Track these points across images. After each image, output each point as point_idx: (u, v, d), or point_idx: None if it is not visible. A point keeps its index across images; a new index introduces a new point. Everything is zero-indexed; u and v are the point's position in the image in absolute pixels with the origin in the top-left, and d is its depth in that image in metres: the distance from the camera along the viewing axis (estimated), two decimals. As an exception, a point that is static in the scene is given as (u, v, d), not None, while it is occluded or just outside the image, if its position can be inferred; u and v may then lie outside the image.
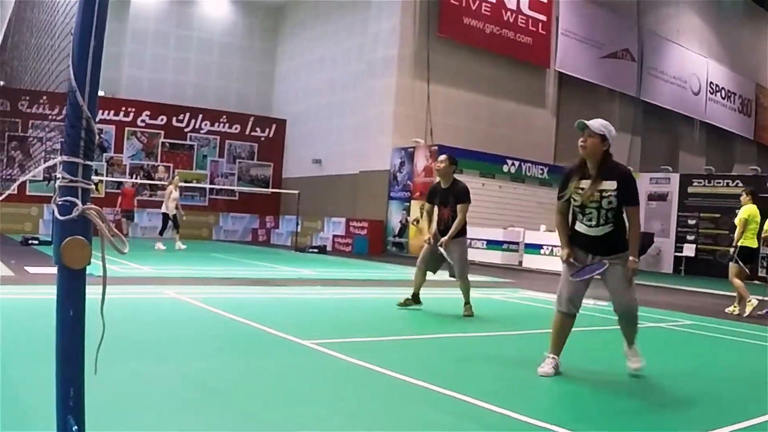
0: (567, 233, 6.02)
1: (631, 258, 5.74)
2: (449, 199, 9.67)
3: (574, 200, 5.85)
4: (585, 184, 5.78)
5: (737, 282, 12.21)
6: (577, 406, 5.18)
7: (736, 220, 12.42)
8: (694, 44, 39.82)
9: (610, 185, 5.68)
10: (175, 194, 21.18)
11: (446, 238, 9.55)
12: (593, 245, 5.85)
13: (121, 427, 3.92)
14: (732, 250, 12.40)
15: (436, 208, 9.99)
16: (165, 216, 21.35)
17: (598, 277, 5.79)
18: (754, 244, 12.25)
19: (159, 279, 12.30)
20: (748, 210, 12.24)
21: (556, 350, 5.99)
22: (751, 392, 5.81)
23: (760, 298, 12.22)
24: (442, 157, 9.94)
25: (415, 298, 10.17)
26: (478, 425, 4.46)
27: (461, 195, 9.64)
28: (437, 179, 10.09)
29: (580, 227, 5.89)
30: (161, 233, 21.75)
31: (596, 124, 5.75)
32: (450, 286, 10.35)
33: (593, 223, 5.78)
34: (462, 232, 9.69)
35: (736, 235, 12.31)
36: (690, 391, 5.75)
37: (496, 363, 6.73)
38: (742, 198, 12.59)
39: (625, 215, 5.81)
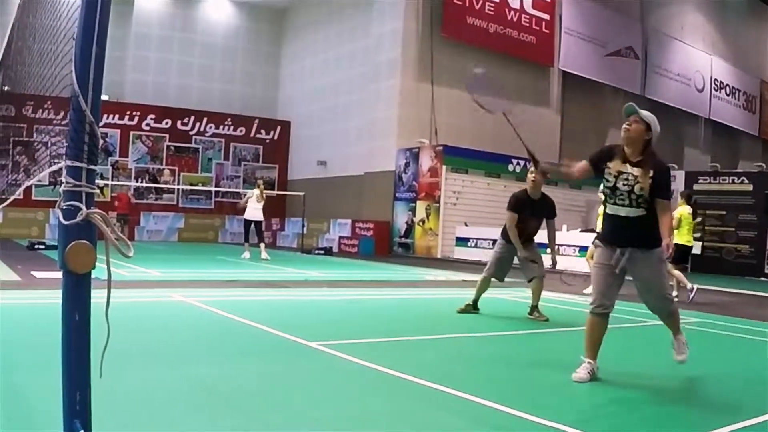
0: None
1: (666, 241, 5.56)
2: (543, 211, 9.57)
3: (606, 181, 5.76)
4: (615, 164, 5.72)
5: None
6: (584, 406, 5.16)
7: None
8: (698, 41, 39.75)
9: (643, 174, 5.59)
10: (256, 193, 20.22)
11: (554, 253, 9.60)
12: (623, 228, 5.70)
13: (127, 431, 3.92)
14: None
15: None
16: (254, 223, 20.28)
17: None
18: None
19: (165, 282, 12.30)
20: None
21: (588, 353, 5.85)
22: (756, 390, 5.80)
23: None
24: (534, 169, 9.47)
25: (475, 305, 9.99)
26: (489, 427, 4.45)
27: (553, 209, 9.68)
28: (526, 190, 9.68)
29: (610, 209, 5.78)
30: (262, 240, 20.64)
31: (645, 113, 5.72)
32: (458, 287, 10.31)
33: (625, 203, 5.66)
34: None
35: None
36: (695, 390, 5.75)
37: (505, 363, 6.72)
38: (599, 195, 13.96)
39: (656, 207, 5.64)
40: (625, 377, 6.02)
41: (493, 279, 9.98)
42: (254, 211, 20.15)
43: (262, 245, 20.46)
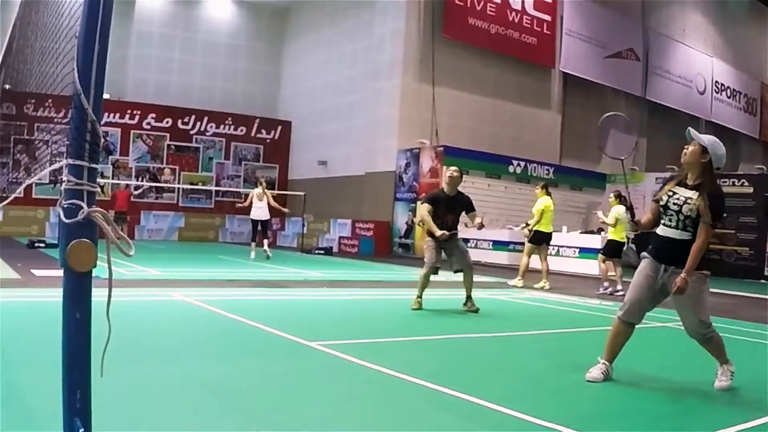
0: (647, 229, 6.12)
1: (683, 275, 5.54)
2: (456, 207, 10.30)
3: (661, 199, 5.84)
4: (676, 188, 5.81)
5: (526, 260, 15.52)
6: (584, 407, 5.17)
7: (535, 210, 15.40)
8: (700, 43, 39.72)
9: (697, 196, 5.65)
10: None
11: (480, 221, 10.28)
12: (668, 249, 5.74)
13: (127, 429, 3.92)
14: (528, 233, 15.56)
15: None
16: (260, 222, 20.33)
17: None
18: (549, 229, 15.42)
19: (166, 281, 12.31)
20: (544, 201, 15.32)
21: (608, 356, 5.93)
22: (756, 392, 5.80)
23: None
24: (455, 168, 10.49)
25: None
26: (487, 427, 4.45)
27: (471, 204, 10.44)
28: (443, 187, 10.62)
29: (660, 230, 5.84)
30: (267, 238, 20.76)
31: (704, 136, 5.85)
32: (455, 287, 10.34)
33: (672, 224, 5.73)
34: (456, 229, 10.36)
35: (533, 222, 15.33)
36: (697, 391, 5.74)
37: (504, 364, 6.73)
38: (537, 192, 15.94)
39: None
40: (626, 378, 6.01)
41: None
42: (258, 210, 20.10)
43: (266, 242, 20.35)
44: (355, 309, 10.58)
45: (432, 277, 10.39)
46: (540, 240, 15.36)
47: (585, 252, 21.74)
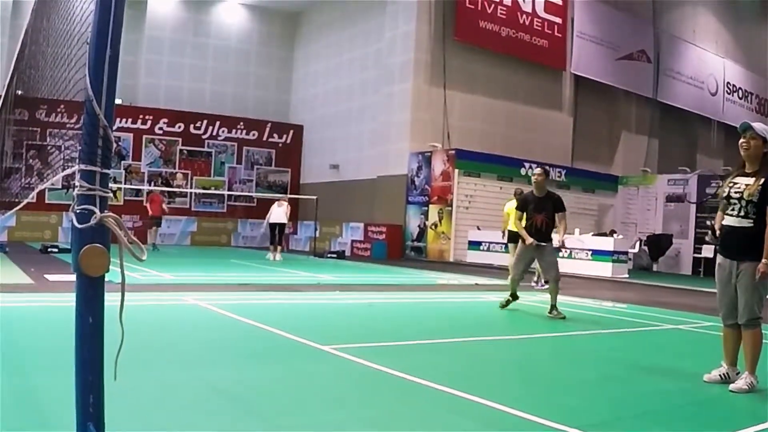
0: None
1: (763, 260, 5.56)
2: (546, 207, 10.59)
3: (723, 192, 5.95)
4: (737, 179, 5.90)
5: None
6: (597, 410, 5.15)
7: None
8: (711, 44, 39.59)
9: (755, 181, 5.75)
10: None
11: (561, 237, 10.82)
12: (730, 238, 5.86)
13: (141, 433, 3.93)
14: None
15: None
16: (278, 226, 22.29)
17: None
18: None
19: (179, 286, 12.33)
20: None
21: (725, 359, 6.05)
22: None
23: None
24: (539, 170, 10.93)
25: (515, 296, 11.03)
26: (499, 429, 4.44)
27: (561, 204, 10.73)
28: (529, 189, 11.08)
29: (726, 220, 5.93)
30: (281, 244, 22.89)
31: (759, 126, 5.88)
32: (471, 290, 10.32)
33: (734, 213, 5.82)
34: (550, 237, 10.66)
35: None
36: (712, 394, 5.71)
37: (517, 366, 6.71)
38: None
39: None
40: (641, 380, 5.99)
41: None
42: (276, 215, 22.17)
43: (279, 248, 22.13)
44: (368, 312, 10.57)
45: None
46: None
47: (598, 254, 21.70)
